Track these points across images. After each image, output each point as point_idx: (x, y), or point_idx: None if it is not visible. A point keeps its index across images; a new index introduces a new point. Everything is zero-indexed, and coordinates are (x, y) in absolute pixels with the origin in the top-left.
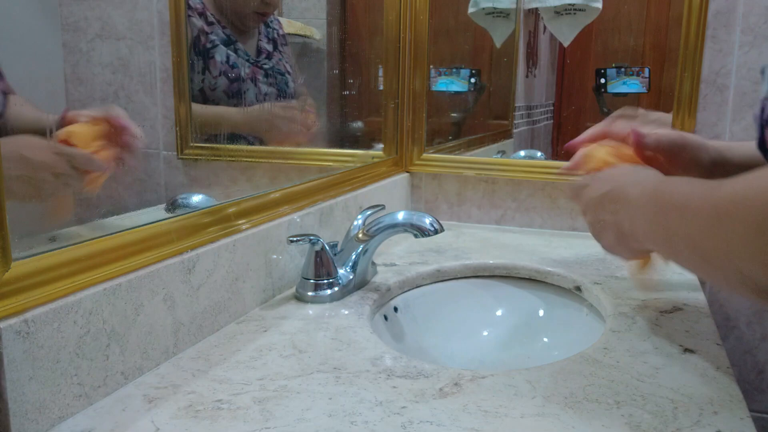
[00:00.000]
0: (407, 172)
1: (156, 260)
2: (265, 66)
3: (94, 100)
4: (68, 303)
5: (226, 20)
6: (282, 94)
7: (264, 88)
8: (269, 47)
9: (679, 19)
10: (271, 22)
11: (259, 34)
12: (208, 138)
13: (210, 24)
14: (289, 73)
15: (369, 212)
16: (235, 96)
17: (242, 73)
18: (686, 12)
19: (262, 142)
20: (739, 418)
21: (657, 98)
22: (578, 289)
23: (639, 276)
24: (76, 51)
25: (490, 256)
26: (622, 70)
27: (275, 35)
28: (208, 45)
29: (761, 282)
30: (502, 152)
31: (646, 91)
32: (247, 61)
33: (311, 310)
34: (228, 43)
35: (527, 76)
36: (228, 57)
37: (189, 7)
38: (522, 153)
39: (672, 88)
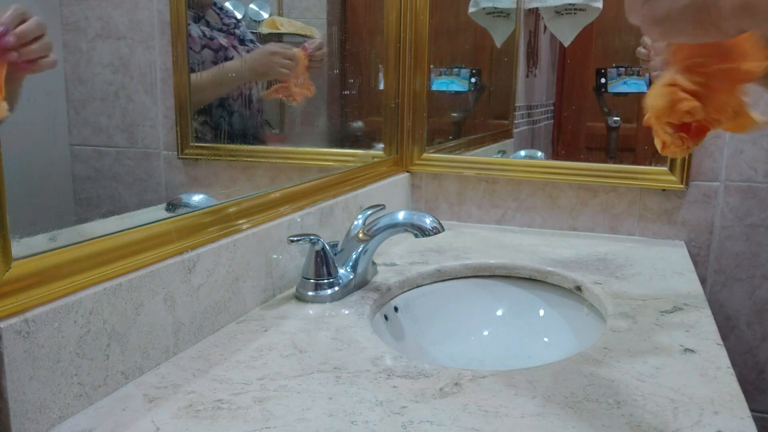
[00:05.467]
0: (407, 171)
1: (156, 260)
2: (237, 32)
3: (95, 100)
4: (68, 303)
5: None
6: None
7: (244, 53)
8: (233, 20)
9: None
10: (222, 10)
11: (217, 13)
12: (205, 135)
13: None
14: (256, 41)
15: (369, 212)
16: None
17: (222, 42)
18: None
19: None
20: (739, 418)
21: None
22: (578, 289)
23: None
24: (77, 51)
25: (490, 255)
26: (623, 69)
27: (230, 13)
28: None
29: None
30: (503, 152)
31: (646, 91)
32: (221, 30)
33: (311, 309)
34: (196, 20)
35: (527, 76)
36: (203, 32)
37: None
38: (522, 153)
39: None
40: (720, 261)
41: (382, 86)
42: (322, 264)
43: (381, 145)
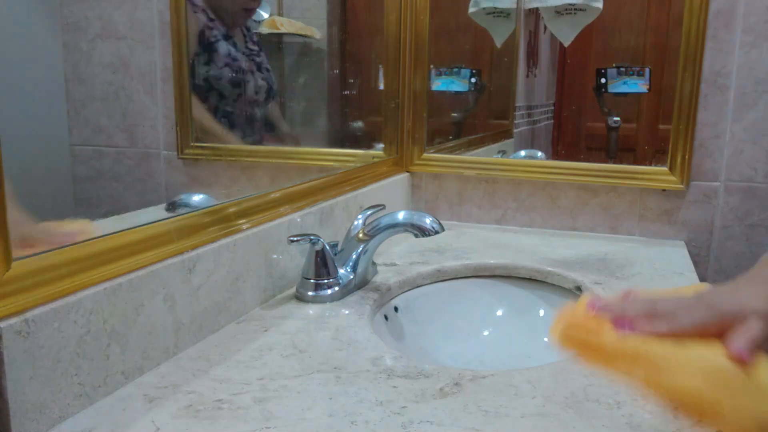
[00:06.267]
0: (407, 171)
1: (156, 260)
2: (257, 59)
3: (95, 100)
4: (68, 303)
5: (220, 18)
6: (271, 88)
7: (259, 81)
8: (255, 48)
9: (680, 19)
10: (249, 27)
11: (244, 35)
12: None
13: (211, 20)
14: (270, 70)
15: (369, 212)
16: (237, 86)
17: (243, 66)
18: (687, 12)
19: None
20: None
21: (657, 98)
22: (578, 289)
23: None
24: (77, 51)
25: (490, 256)
26: (623, 69)
27: (256, 38)
28: (212, 39)
29: None
30: (503, 152)
31: (646, 91)
32: (244, 54)
33: (312, 309)
34: (227, 38)
35: (528, 76)
36: (229, 51)
37: (192, 3)
38: (522, 153)
39: (672, 88)
40: (720, 261)
41: (382, 86)
42: (322, 264)
43: (381, 145)
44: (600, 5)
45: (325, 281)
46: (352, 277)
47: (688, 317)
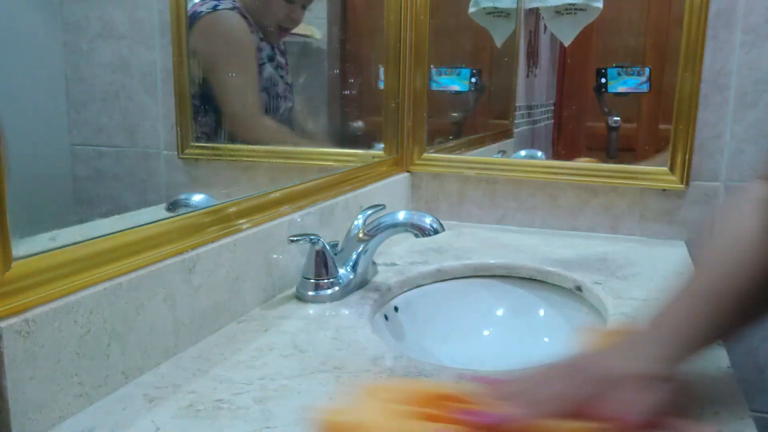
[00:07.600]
0: (408, 171)
1: (156, 260)
2: (288, 81)
3: (95, 100)
4: (69, 302)
5: (266, 38)
6: (291, 103)
7: (288, 102)
8: (282, 60)
9: (680, 19)
10: (284, 57)
11: (282, 62)
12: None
13: (261, 40)
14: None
15: (369, 212)
16: (271, 111)
17: (279, 91)
18: (687, 12)
19: None
20: (739, 418)
21: (657, 98)
22: (579, 289)
23: None
24: (77, 51)
25: (490, 255)
26: (623, 69)
27: (283, 47)
28: (260, 61)
29: None
30: (503, 152)
31: (646, 90)
32: (281, 77)
33: (312, 309)
34: (271, 58)
35: (528, 76)
36: (271, 75)
37: (250, 23)
38: (523, 153)
39: (673, 87)
40: None
41: (382, 86)
42: (322, 264)
43: (381, 145)
44: (600, 5)
45: (325, 281)
46: (352, 277)
47: (546, 393)
